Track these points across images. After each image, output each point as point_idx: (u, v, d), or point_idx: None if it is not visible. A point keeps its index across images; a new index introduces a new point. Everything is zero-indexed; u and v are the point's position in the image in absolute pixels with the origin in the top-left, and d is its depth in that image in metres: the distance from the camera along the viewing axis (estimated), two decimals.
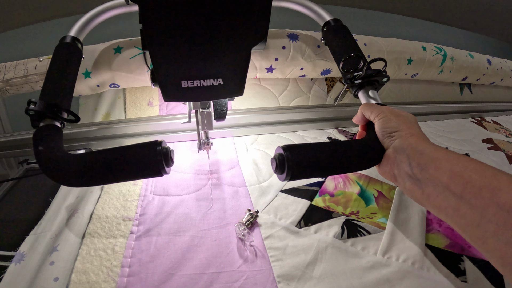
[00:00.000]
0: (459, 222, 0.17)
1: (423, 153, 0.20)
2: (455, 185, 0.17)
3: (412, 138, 0.22)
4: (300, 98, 0.49)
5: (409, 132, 0.22)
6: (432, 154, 0.20)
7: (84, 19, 0.32)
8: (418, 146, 0.21)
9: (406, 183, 0.21)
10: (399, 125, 0.23)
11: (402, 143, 0.22)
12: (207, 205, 0.31)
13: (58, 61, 0.28)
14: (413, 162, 0.20)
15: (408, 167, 0.21)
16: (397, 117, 0.23)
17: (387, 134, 0.23)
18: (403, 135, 0.22)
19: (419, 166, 0.20)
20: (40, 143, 0.23)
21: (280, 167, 0.22)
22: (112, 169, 0.22)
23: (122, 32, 0.42)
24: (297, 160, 0.21)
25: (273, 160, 0.23)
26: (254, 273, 0.25)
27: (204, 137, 0.32)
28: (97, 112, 0.45)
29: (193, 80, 0.22)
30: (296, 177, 0.22)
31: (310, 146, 0.23)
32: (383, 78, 0.29)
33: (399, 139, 0.22)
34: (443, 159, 0.19)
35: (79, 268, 0.25)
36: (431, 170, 0.19)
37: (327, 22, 0.35)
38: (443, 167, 0.18)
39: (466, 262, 0.26)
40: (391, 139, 0.23)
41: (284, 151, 0.22)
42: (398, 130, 0.23)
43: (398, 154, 0.22)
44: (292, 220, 0.30)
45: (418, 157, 0.20)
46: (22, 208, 0.37)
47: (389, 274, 0.25)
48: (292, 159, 0.21)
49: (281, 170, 0.22)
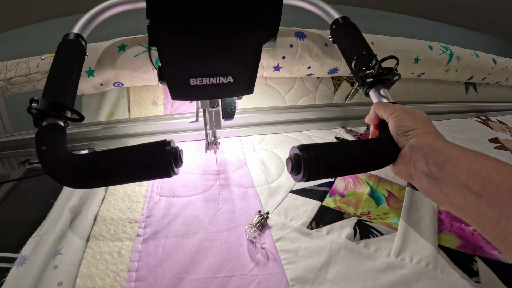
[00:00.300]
0: (478, 220, 0.17)
1: (440, 151, 0.20)
2: (473, 183, 0.17)
3: (429, 136, 0.21)
4: (306, 97, 0.49)
5: (425, 130, 0.22)
6: (449, 153, 0.19)
7: (88, 15, 0.32)
8: (435, 144, 0.20)
9: (423, 182, 0.21)
10: (414, 123, 0.23)
11: (418, 142, 0.21)
12: (216, 207, 0.31)
13: (61, 59, 0.28)
14: (431, 160, 0.20)
15: (425, 166, 0.20)
16: (412, 116, 0.23)
17: (403, 133, 0.23)
18: (419, 134, 0.22)
19: (436, 165, 0.20)
20: (43, 143, 0.22)
21: (296, 168, 0.22)
22: (119, 169, 0.21)
23: (126, 29, 0.41)
24: (314, 160, 0.21)
25: (289, 160, 0.22)
26: (267, 276, 0.24)
27: (212, 136, 0.32)
28: (100, 111, 0.44)
29: (202, 77, 0.22)
30: (312, 177, 0.21)
31: (325, 146, 0.22)
32: (394, 76, 0.28)
33: (415, 138, 0.22)
34: (460, 157, 0.19)
35: (84, 273, 0.24)
36: (449, 169, 0.19)
37: (335, 20, 0.35)
38: (461, 165, 0.18)
39: (479, 262, 0.26)
40: (407, 137, 0.22)
41: (300, 151, 0.21)
42: (414, 128, 0.22)
43: (414, 153, 0.21)
44: (303, 222, 0.29)
45: (435, 156, 0.20)
46: (23, 210, 0.37)
47: (403, 276, 0.25)
48: (308, 159, 0.21)
49: (297, 170, 0.22)
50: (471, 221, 0.18)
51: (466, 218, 0.18)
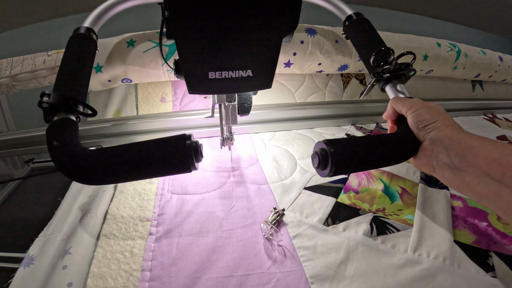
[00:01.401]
0: (501, 205, 0.18)
1: (460, 142, 0.20)
2: (494, 171, 0.18)
3: (448, 129, 0.22)
4: (316, 94, 0.48)
5: (444, 123, 0.22)
6: (469, 143, 0.20)
7: (100, 9, 0.31)
8: (455, 136, 0.21)
9: (446, 173, 0.21)
10: (433, 117, 0.23)
11: (438, 135, 0.22)
12: (230, 204, 0.30)
13: (72, 52, 0.27)
14: (452, 152, 0.20)
15: (447, 157, 0.21)
16: (430, 109, 0.24)
17: (423, 126, 0.23)
18: (439, 127, 0.22)
19: (457, 156, 0.20)
20: (54, 138, 0.21)
21: (323, 163, 0.22)
22: (137, 164, 0.20)
23: (135, 25, 0.41)
24: (341, 155, 0.21)
25: (315, 155, 0.22)
26: (285, 274, 0.24)
27: (228, 132, 0.31)
28: (107, 108, 0.43)
29: (221, 71, 0.21)
30: (339, 172, 0.22)
31: (350, 140, 0.23)
32: (410, 71, 0.28)
33: (435, 131, 0.22)
34: (480, 147, 0.19)
35: (95, 273, 0.24)
36: (470, 158, 0.19)
37: (349, 16, 0.35)
38: (481, 154, 0.19)
39: (494, 257, 0.26)
40: (427, 131, 0.23)
41: (327, 146, 0.21)
42: (434, 122, 0.23)
43: (435, 145, 0.22)
44: (319, 218, 0.29)
45: (456, 147, 0.20)
46: (29, 209, 0.36)
47: (422, 271, 0.24)
48: (336, 154, 0.21)
49: (324, 165, 0.22)
50: (494, 207, 0.18)
51: (489, 204, 0.19)
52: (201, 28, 0.19)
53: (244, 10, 0.18)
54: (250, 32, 0.19)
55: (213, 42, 0.19)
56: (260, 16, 0.19)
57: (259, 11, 0.18)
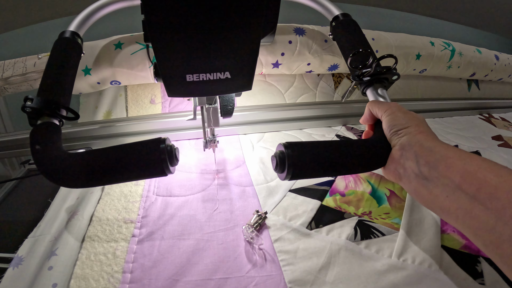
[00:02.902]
0: (471, 224, 0.16)
1: (432, 150, 0.19)
2: (468, 184, 0.16)
3: (421, 135, 0.20)
4: (306, 95, 0.48)
5: (417, 129, 0.21)
6: (442, 152, 0.18)
7: (85, 13, 0.31)
8: (427, 143, 0.19)
9: (412, 183, 0.20)
10: (407, 122, 0.21)
11: (409, 140, 0.20)
12: (213, 206, 0.30)
13: (57, 57, 0.27)
14: (421, 160, 0.19)
15: (415, 165, 0.19)
16: (406, 114, 0.22)
17: (395, 131, 0.22)
18: (411, 132, 0.20)
19: (427, 165, 0.18)
20: (37, 142, 0.21)
21: (280, 165, 0.21)
22: (113, 169, 0.20)
23: (123, 27, 0.41)
24: (298, 158, 0.20)
25: (273, 157, 0.21)
26: (264, 278, 0.24)
27: (210, 134, 0.31)
28: (98, 110, 0.43)
29: (199, 73, 0.21)
30: (296, 176, 0.20)
31: (312, 144, 0.21)
32: (393, 76, 0.27)
33: (406, 136, 0.21)
34: (454, 158, 0.17)
35: (78, 274, 0.24)
36: (441, 169, 0.18)
37: (336, 17, 0.34)
38: (455, 165, 0.17)
39: (483, 263, 0.25)
40: (398, 136, 0.21)
41: (285, 149, 0.20)
42: (406, 127, 0.21)
43: (404, 151, 0.20)
44: (303, 222, 0.29)
45: (426, 155, 0.19)
46: (21, 209, 0.36)
47: (405, 278, 0.24)
48: (293, 156, 0.20)
49: (281, 168, 0.21)
50: (463, 226, 0.17)
51: (457, 222, 0.17)
52: (176, 30, 0.18)
53: (220, 11, 0.18)
54: (227, 33, 0.19)
55: (189, 45, 0.19)
56: (237, 16, 0.18)
57: (236, 12, 0.18)
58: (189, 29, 0.18)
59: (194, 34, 0.19)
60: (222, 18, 0.18)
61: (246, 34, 0.20)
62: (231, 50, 0.20)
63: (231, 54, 0.21)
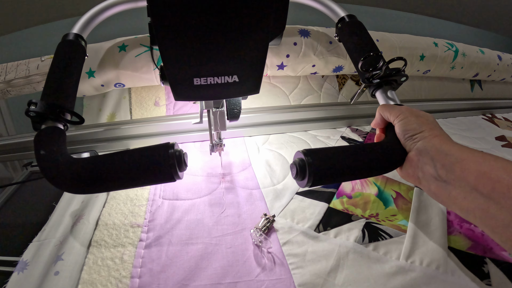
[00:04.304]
0: (489, 223, 0.17)
1: (448, 154, 0.19)
2: (483, 185, 0.17)
3: (436, 139, 0.21)
4: (311, 96, 0.48)
5: (432, 133, 0.21)
6: (457, 155, 0.19)
7: (88, 15, 0.31)
8: (442, 147, 0.20)
9: (431, 186, 0.20)
10: (421, 126, 0.22)
11: (425, 145, 0.21)
12: (220, 210, 0.30)
13: (60, 59, 0.27)
14: (438, 164, 0.20)
15: (433, 169, 0.20)
16: (418, 118, 0.23)
17: (409, 136, 0.22)
18: (426, 137, 0.21)
19: (444, 168, 0.19)
20: (41, 147, 0.21)
21: (301, 173, 0.21)
22: (120, 175, 0.20)
23: (127, 29, 0.41)
24: (319, 165, 0.20)
25: (293, 165, 0.22)
26: (274, 282, 0.24)
27: (217, 138, 0.31)
28: (101, 112, 0.43)
29: (207, 77, 0.21)
30: (317, 183, 0.21)
31: (331, 150, 0.22)
32: (401, 77, 0.27)
33: (422, 141, 0.21)
34: (469, 159, 0.18)
35: (85, 279, 0.24)
36: (457, 171, 0.18)
37: (341, 18, 0.34)
38: (470, 167, 0.18)
39: (490, 264, 0.25)
40: (413, 141, 0.22)
41: (305, 156, 0.20)
42: (421, 131, 0.22)
43: (421, 156, 0.21)
44: (310, 224, 0.29)
45: (443, 159, 0.19)
46: (25, 213, 0.36)
47: (414, 280, 0.24)
48: (313, 164, 0.20)
49: (301, 176, 0.21)
50: (482, 224, 0.17)
51: (476, 221, 0.18)
52: (184, 34, 0.18)
53: (228, 14, 0.18)
54: (235, 36, 0.19)
55: (196, 48, 0.19)
56: (244, 20, 0.18)
57: (243, 16, 0.18)
58: (197, 32, 0.18)
59: (202, 38, 0.19)
60: (230, 22, 0.18)
61: (253, 38, 0.20)
62: (239, 54, 0.20)
63: (239, 58, 0.20)
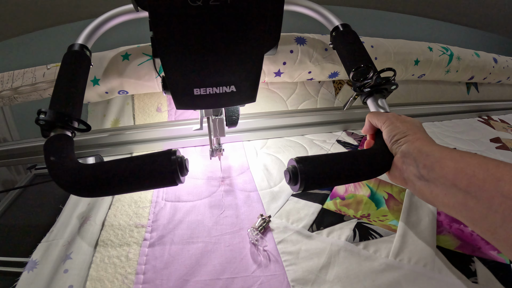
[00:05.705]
0: (468, 216, 0.18)
1: (429, 154, 0.21)
2: (460, 181, 0.18)
3: (418, 142, 0.22)
4: (308, 101, 0.49)
5: (415, 136, 0.23)
6: (437, 155, 0.20)
7: (92, 26, 0.32)
8: (423, 148, 0.21)
9: (416, 185, 0.22)
10: (406, 131, 0.23)
11: (408, 148, 0.22)
12: (219, 211, 0.32)
13: (66, 70, 0.28)
14: (420, 164, 0.21)
15: (416, 169, 0.21)
16: (403, 123, 0.24)
17: (395, 140, 0.24)
18: (410, 140, 0.23)
19: (426, 168, 0.21)
20: (51, 153, 0.22)
21: (293, 179, 0.23)
22: (125, 180, 0.21)
23: (129, 38, 0.42)
24: (310, 172, 0.22)
25: (286, 172, 0.23)
26: (269, 277, 0.25)
27: (216, 143, 0.32)
28: (106, 118, 0.45)
29: (206, 87, 0.22)
30: (309, 188, 0.22)
31: (321, 158, 0.23)
32: (391, 86, 0.29)
33: (405, 144, 0.23)
34: (447, 158, 0.19)
35: (93, 276, 0.25)
36: (437, 170, 0.20)
37: (336, 27, 0.35)
38: (448, 165, 0.19)
39: (477, 263, 0.26)
40: (398, 144, 0.23)
41: (297, 163, 0.22)
42: (405, 135, 0.23)
43: (405, 158, 0.22)
44: (304, 224, 0.30)
45: (424, 159, 0.21)
46: (32, 215, 0.37)
47: (401, 277, 0.25)
48: (305, 171, 0.22)
49: (294, 181, 0.23)
50: (463, 218, 0.19)
51: (458, 215, 0.19)
52: (184, 48, 0.20)
53: (225, 30, 0.19)
54: (232, 50, 0.20)
55: (196, 61, 0.20)
56: (240, 34, 0.20)
57: (239, 30, 0.19)
58: (196, 46, 0.20)
59: (201, 51, 0.20)
60: (226, 36, 0.19)
61: (249, 50, 0.21)
62: (235, 66, 0.22)
63: (236, 69, 0.22)
